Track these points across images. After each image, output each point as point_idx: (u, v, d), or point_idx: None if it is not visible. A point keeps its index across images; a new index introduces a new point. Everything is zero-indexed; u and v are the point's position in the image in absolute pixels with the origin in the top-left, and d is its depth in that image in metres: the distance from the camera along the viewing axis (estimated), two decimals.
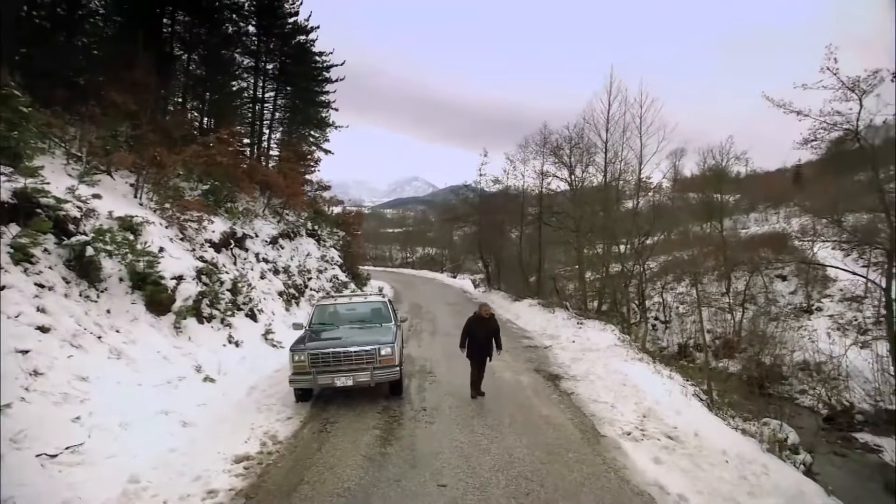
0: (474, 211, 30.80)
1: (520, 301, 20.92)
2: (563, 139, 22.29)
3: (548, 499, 4.53)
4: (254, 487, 4.73)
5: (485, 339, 8.03)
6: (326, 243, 21.88)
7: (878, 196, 11.17)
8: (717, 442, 6.52)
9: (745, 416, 9.20)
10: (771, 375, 15.40)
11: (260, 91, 22.92)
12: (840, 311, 19.19)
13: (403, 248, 71.28)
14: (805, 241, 21.46)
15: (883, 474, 9.67)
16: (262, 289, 13.59)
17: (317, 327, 8.34)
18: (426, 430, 6.28)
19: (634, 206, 21.87)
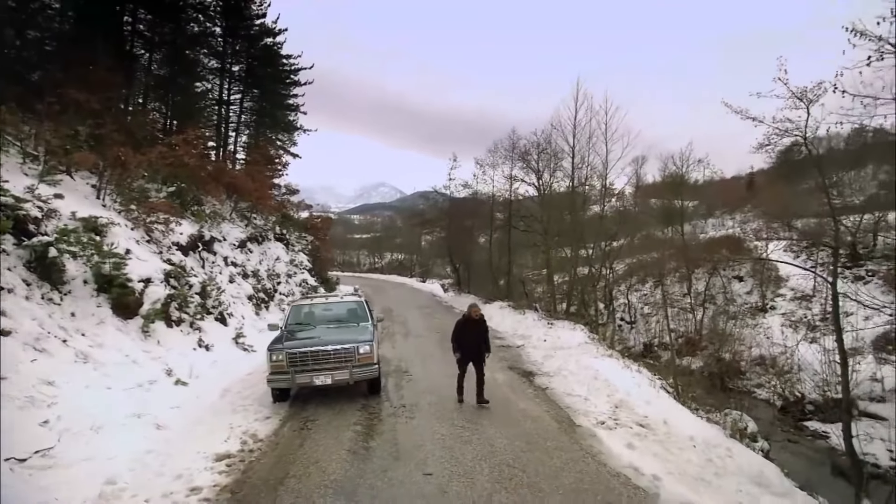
0: (444, 215, 31.01)
1: (490, 303, 21.14)
2: (532, 144, 22.76)
3: (530, 482, 4.69)
4: (238, 483, 4.69)
5: (476, 341, 7.69)
6: (295, 248, 21.59)
7: (824, 199, 11.94)
8: (685, 429, 6.87)
9: (708, 410, 9.66)
10: (730, 371, 16.17)
11: (226, 93, 22.53)
12: (791, 310, 20.31)
13: (371, 253, 70.84)
14: (759, 242, 22.64)
15: (830, 458, 10.35)
16: (232, 292, 13.33)
17: (293, 327, 8.28)
18: (407, 425, 6.35)
19: (601, 210, 22.55)
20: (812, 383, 13.71)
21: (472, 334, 7.68)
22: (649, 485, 4.74)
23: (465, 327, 7.79)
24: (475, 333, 7.70)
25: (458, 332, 7.79)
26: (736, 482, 5.44)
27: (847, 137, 26.35)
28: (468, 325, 7.78)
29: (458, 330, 7.82)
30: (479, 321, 7.83)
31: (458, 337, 7.75)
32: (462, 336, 7.72)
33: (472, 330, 7.71)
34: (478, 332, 7.74)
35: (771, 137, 9.06)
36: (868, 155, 25.91)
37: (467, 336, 7.69)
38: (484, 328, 7.92)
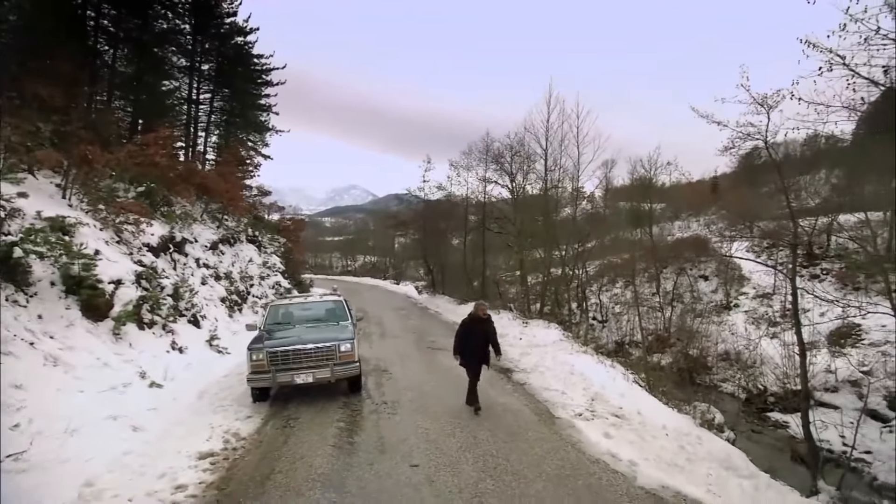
0: (418, 217, 31.04)
1: (465, 304, 21.28)
2: (505, 147, 23.07)
3: (514, 470, 4.84)
4: (224, 480, 4.68)
5: (482, 343, 7.03)
6: (267, 250, 21.28)
7: (783, 201, 12.58)
8: (658, 419, 7.17)
9: (677, 403, 10.05)
10: (698, 366, 16.78)
11: (195, 92, 22.06)
12: (754, 307, 21.20)
13: (344, 256, 70.21)
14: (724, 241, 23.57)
15: (790, 445, 10.89)
16: (204, 295, 13.08)
17: (272, 327, 8.22)
18: (390, 421, 6.42)
19: (573, 212, 23.06)
20: (773, 376, 14.37)
21: (478, 335, 7.04)
22: (627, 470, 4.96)
23: (470, 328, 7.12)
24: (482, 334, 7.08)
25: (463, 334, 7.11)
26: (706, 466, 5.73)
27: (803, 143, 27.71)
28: (474, 326, 7.11)
29: (464, 331, 7.14)
30: (486, 320, 7.19)
31: (463, 339, 7.08)
32: (468, 337, 7.06)
33: (479, 330, 7.08)
34: (485, 332, 7.10)
35: (735, 141, 9.52)
36: (821, 160, 27.33)
37: (474, 337, 7.04)
38: (492, 328, 7.26)
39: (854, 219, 18.83)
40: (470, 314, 7.37)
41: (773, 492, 5.50)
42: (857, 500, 7.03)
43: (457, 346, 7.15)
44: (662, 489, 4.56)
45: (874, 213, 17.67)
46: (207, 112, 23.16)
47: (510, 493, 4.34)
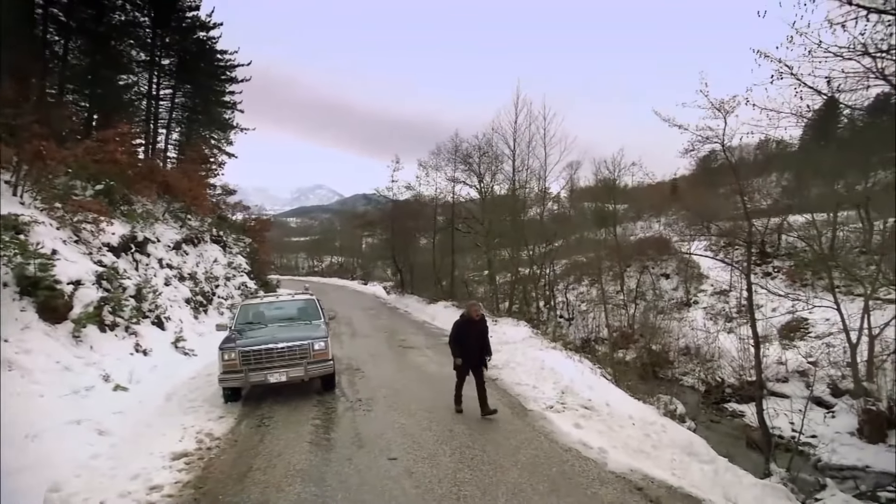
0: (387, 217, 30.95)
1: (434, 303, 21.45)
2: (473, 148, 23.33)
3: (490, 460, 4.98)
4: (201, 479, 4.63)
5: (478, 344, 6.79)
6: (233, 250, 20.81)
7: (739, 202, 13.26)
8: (624, 409, 7.47)
9: (642, 396, 10.45)
10: (660, 361, 17.38)
11: (155, 87, 21.33)
12: (712, 303, 22.18)
13: (310, 256, 69.19)
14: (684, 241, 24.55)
15: (745, 433, 11.47)
16: (169, 296, 12.71)
17: (243, 327, 8.11)
18: (366, 417, 6.46)
19: (541, 212, 23.52)
20: (730, 369, 15.06)
21: (473, 336, 6.77)
22: (597, 456, 5.18)
23: (464, 329, 6.83)
24: (476, 335, 6.81)
25: (458, 335, 6.85)
26: (670, 452, 6.03)
27: (756, 147, 29.16)
28: (468, 327, 6.82)
29: (458, 332, 6.88)
30: (480, 321, 6.92)
31: (458, 341, 6.82)
32: (462, 340, 6.78)
33: (474, 331, 6.80)
34: (479, 333, 6.86)
35: (694, 144, 10.00)
36: (773, 163, 28.80)
37: (469, 339, 6.76)
38: (484, 327, 7.02)
39: (802, 219, 19.97)
40: (462, 315, 7.08)
41: (731, 474, 5.82)
42: (803, 480, 7.49)
43: (454, 349, 6.82)
44: (631, 472, 4.80)
45: (819, 214, 18.80)
46: (168, 108, 22.47)
47: (487, 482, 4.47)
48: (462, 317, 7.02)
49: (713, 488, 4.93)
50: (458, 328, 6.88)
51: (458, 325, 6.93)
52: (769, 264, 22.55)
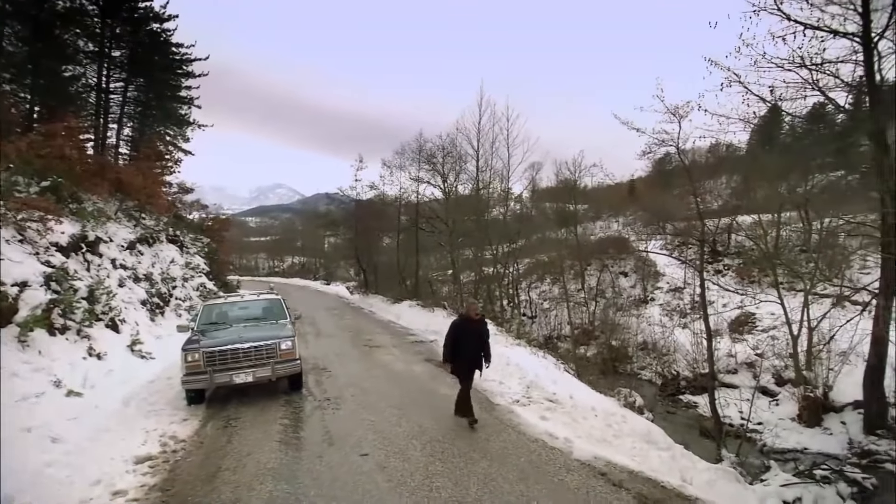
0: (350, 217, 30.66)
1: (399, 303, 21.44)
2: (437, 147, 23.42)
3: (461, 453, 5.09)
4: (168, 481, 4.53)
5: (476, 346, 6.26)
6: (190, 250, 20.12)
7: (692, 203, 13.94)
8: (587, 402, 7.76)
9: (603, 389, 10.84)
10: (620, 356, 18.05)
11: (105, 80, 20.32)
12: (668, 300, 23.15)
13: (271, 257, 67.61)
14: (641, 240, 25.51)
15: (699, 422, 12.08)
16: (123, 297, 12.20)
17: (206, 327, 7.91)
18: (335, 415, 6.45)
19: (504, 212, 23.89)
20: (685, 362, 15.80)
21: (472, 338, 6.26)
22: (563, 446, 5.38)
23: (463, 329, 6.30)
24: (476, 337, 6.30)
25: (456, 337, 6.26)
26: (630, 441, 6.32)
27: (707, 150, 30.56)
28: (467, 327, 6.31)
29: (455, 334, 6.29)
30: (479, 320, 6.43)
31: (456, 343, 6.24)
32: (460, 340, 6.23)
33: (472, 331, 6.30)
34: (479, 333, 6.35)
35: (651, 146, 10.46)
36: (723, 166, 30.28)
37: (467, 340, 6.23)
38: (486, 329, 6.51)
39: (749, 219, 21.12)
40: (460, 314, 6.74)
41: (686, 460, 6.16)
42: (751, 463, 8.00)
43: (448, 352, 6.29)
44: (595, 460, 5.01)
45: (765, 215, 19.92)
46: (120, 103, 21.42)
47: (459, 473, 4.58)
48: (460, 317, 6.62)
49: (670, 472, 5.22)
50: (456, 329, 6.34)
51: (455, 326, 6.42)
52: (720, 262, 23.71)
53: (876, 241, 9.12)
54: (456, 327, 6.40)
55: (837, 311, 11.53)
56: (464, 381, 6.32)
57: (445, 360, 6.37)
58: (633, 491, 4.33)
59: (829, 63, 8.44)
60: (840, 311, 11.59)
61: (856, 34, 8.18)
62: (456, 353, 6.25)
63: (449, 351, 6.28)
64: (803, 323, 12.04)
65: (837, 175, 18.51)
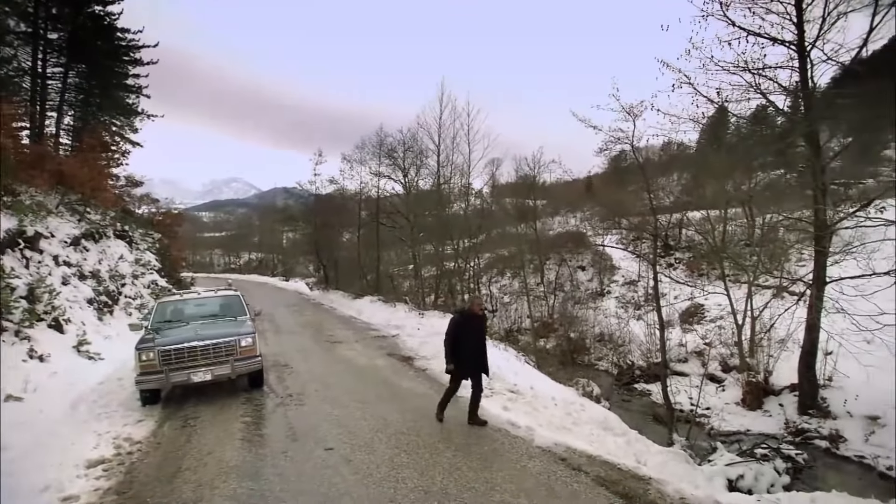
0: (309, 212, 30.14)
1: (360, 298, 21.30)
2: (398, 142, 23.36)
3: (426, 444, 5.16)
4: (123, 484, 4.37)
5: (480, 344, 5.86)
6: (140, 246, 19.23)
7: (646, 199, 14.49)
8: (547, 392, 8.03)
9: (562, 381, 11.17)
10: (578, 348, 18.55)
11: (41, 64, 19.04)
12: (623, 293, 23.97)
13: (227, 253, 65.47)
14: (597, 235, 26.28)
15: (652, 409, 12.62)
16: (68, 296, 11.56)
17: (161, 325, 7.63)
18: (298, 411, 6.38)
19: (464, 207, 24.05)
20: (639, 352, 16.44)
21: (474, 336, 5.80)
22: (525, 434, 5.54)
23: (466, 327, 5.79)
24: (478, 334, 5.88)
25: (456, 334, 5.76)
26: (589, 428, 6.59)
27: (660, 148, 31.78)
28: (470, 324, 5.81)
29: (456, 330, 5.77)
30: (482, 317, 6.01)
31: (457, 340, 5.74)
32: (462, 339, 5.73)
33: (476, 329, 5.85)
34: (482, 331, 5.98)
35: (607, 143, 10.80)
36: (674, 164, 31.57)
37: (470, 338, 5.75)
38: (485, 326, 6.16)
39: (699, 215, 22.12)
40: (460, 310, 6.15)
41: (640, 444, 6.47)
42: (699, 446, 8.42)
43: (449, 352, 5.74)
44: (555, 446, 5.19)
45: (713, 211, 20.94)
46: (60, 89, 20.19)
47: (424, 464, 4.65)
48: (460, 313, 6.00)
49: (626, 456, 5.48)
50: (457, 326, 5.78)
51: (455, 322, 5.84)
52: (672, 256, 24.76)
53: (810, 236, 9.78)
54: (457, 325, 5.79)
55: (777, 301, 12.33)
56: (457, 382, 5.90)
57: (448, 360, 5.74)
58: (591, 474, 4.52)
59: (769, 68, 8.98)
60: (779, 301, 12.39)
61: (792, 42, 8.73)
62: (457, 353, 5.69)
63: (450, 351, 5.70)
64: (747, 313, 12.76)
65: (778, 174, 19.69)
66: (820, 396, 9.82)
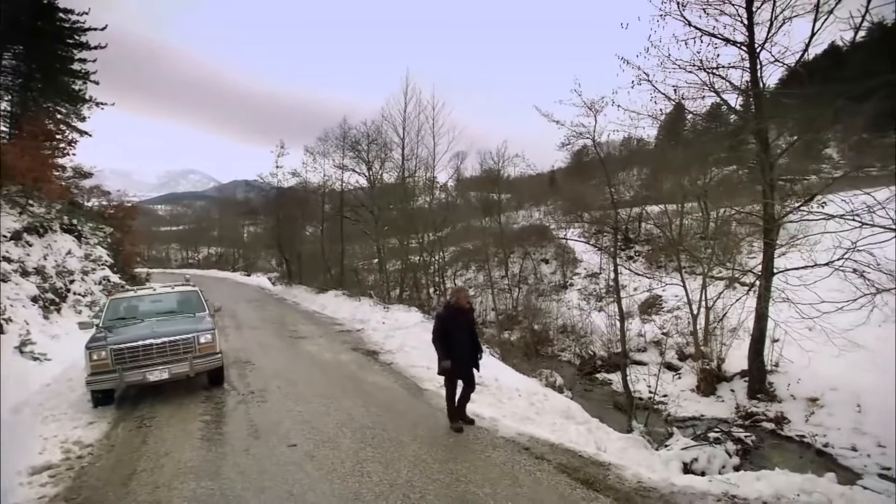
0: (271, 205, 29.42)
1: (324, 293, 21.03)
2: (362, 135, 23.06)
3: (391, 438, 5.16)
4: (72, 490, 4.17)
5: (467, 339, 5.49)
6: (90, 241, 18.33)
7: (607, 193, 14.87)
8: (512, 383, 8.15)
9: (526, 371, 11.36)
10: (542, 340, 18.87)
11: None
12: (585, 285, 24.50)
13: (185, 247, 63.21)
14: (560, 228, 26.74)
15: (613, 397, 13.02)
16: (9, 294, 10.93)
17: (113, 323, 7.29)
18: (260, 408, 6.26)
19: (429, 201, 24.01)
20: (601, 343, 16.87)
21: (463, 331, 5.48)
22: (489, 425, 5.61)
23: (453, 322, 5.45)
24: (466, 328, 5.56)
25: (446, 329, 5.41)
26: (551, 417, 6.74)
27: (620, 144, 32.57)
28: (457, 319, 5.49)
29: (444, 325, 5.44)
30: (469, 311, 5.72)
31: (446, 336, 5.38)
32: (450, 335, 5.38)
33: (463, 324, 5.53)
34: (470, 325, 5.66)
35: (570, 138, 11.00)
36: (634, 159, 32.43)
37: (458, 334, 5.41)
38: (473, 319, 5.85)
39: (657, 209, 22.83)
40: (447, 305, 5.74)
41: (601, 431, 6.67)
42: (657, 432, 8.78)
43: (442, 349, 5.36)
44: (519, 436, 5.29)
45: (671, 205, 21.66)
46: None
47: (389, 457, 4.65)
48: (446, 308, 5.65)
49: (587, 443, 5.64)
50: (444, 322, 5.47)
51: (442, 318, 5.54)
52: (632, 249, 25.47)
53: (759, 229, 10.27)
54: (444, 320, 5.47)
55: (729, 292, 12.88)
56: (453, 381, 5.51)
57: (442, 357, 5.35)
58: (553, 462, 4.63)
59: (722, 68, 9.33)
60: (731, 291, 12.96)
61: (743, 43, 9.10)
62: (449, 348, 5.35)
63: (443, 347, 5.35)
64: (702, 303, 13.29)
65: (731, 170, 20.52)
66: (767, 381, 10.36)
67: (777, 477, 4.38)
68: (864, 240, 6.49)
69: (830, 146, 23.70)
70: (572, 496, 3.96)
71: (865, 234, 6.21)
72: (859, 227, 6.14)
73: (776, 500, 3.95)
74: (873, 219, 5.88)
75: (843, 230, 6.81)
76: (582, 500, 3.90)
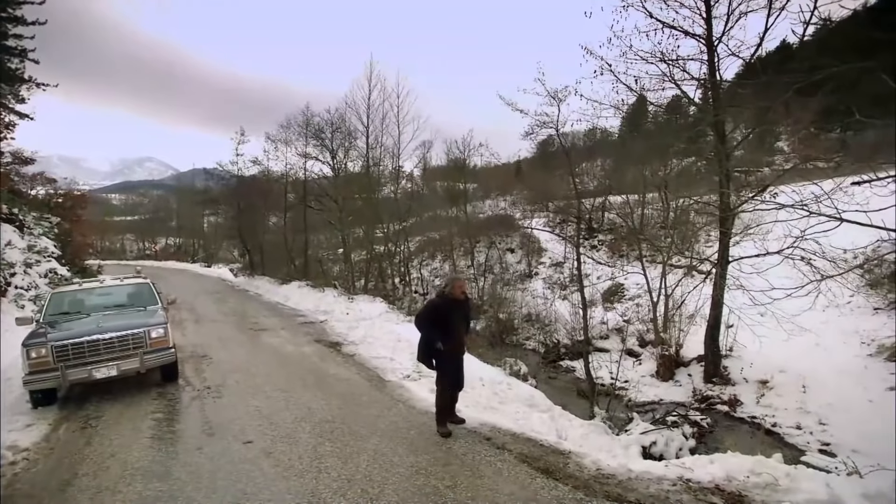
0: (232, 194, 28.49)
1: (288, 284, 20.57)
2: (326, 122, 22.54)
3: (351, 431, 5.06)
4: (4, 500, 3.88)
5: (463, 330, 5.11)
6: (34, 231, 17.30)
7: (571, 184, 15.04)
8: (475, 372, 8.09)
9: (490, 361, 11.42)
10: (506, 328, 19.05)
11: None
12: (550, 274, 24.87)
13: (141, 238, 60.71)
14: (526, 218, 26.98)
15: (576, 385, 13.28)
16: None
17: (56, 318, 6.88)
18: (216, 404, 6.04)
19: (395, 190, 23.76)
20: (565, 331, 17.16)
21: (458, 323, 4.98)
22: None
23: (448, 313, 4.89)
24: (462, 319, 5.11)
25: (438, 320, 4.84)
26: (515, 406, 6.77)
27: (584, 134, 33.04)
28: (453, 310, 4.94)
29: (436, 316, 4.87)
30: (465, 301, 5.18)
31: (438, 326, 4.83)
32: (445, 327, 4.84)
33: (459, 316, 5.02)
34: (466, 317, 5.25)
35: (534, 128, 11.02)
36: (597, 150, 32.98)
37: (452, 328, 4.88)
38: (469, 308, 5.33)
39: (619, 199, 23.29)
40: (440, 294, 5.06)
41: (564, 419, 6.75)
42: (618, 417, 8.98)
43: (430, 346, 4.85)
44: (481, 426, 5.28)
45: (632, 195, 22.14)
46: None
47: (349, 451, 4.55)
48: (441, 296, 5.01)
49: (549, 431, 5.68)
50: (437, 311, 4.89)
51: (435, 306, 4.95)
52: (595, 238, 25.96)
53: (716, 219, 10.59)
54: (439, 311, 4.88)
55: (687, 280, 13.28)
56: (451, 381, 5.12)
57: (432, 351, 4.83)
58: (514, 451, 4.63)
59: (682, 59, 9.50)
60: (689, 279, 13.37)
61: (702, 36, 9.28)
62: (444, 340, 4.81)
63: (434, 341, 4.80)
64: (661, 291, 13.67)
65: (690, 161, 21.11)
66: (722, 365, 10.76)
67: (729, 459, 4.52)
68: (811, 229, 6.75)
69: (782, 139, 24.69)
70: (532, 486, 3.96)
71: (813, 223, 6.45)
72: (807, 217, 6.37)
73: (727, 482, 4.07)
74: (820, 208, 6.11)
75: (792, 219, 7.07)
76: (542, 489, 3.91)
